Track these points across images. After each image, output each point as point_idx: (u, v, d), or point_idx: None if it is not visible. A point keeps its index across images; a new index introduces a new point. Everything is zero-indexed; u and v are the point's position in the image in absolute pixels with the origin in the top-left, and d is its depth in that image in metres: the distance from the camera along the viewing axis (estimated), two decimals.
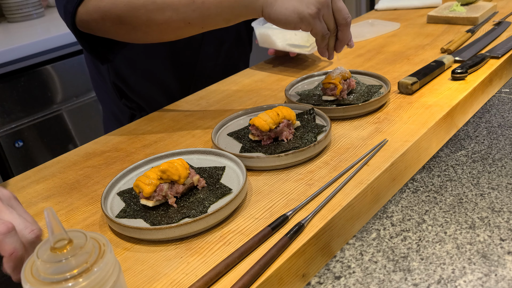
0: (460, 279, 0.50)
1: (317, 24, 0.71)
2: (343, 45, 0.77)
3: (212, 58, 1.10)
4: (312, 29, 0.71)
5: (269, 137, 0.70)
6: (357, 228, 0.60)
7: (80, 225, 0.60)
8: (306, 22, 0.70)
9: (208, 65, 1.10)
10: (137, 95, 1.08)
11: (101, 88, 1.15)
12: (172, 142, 0.79)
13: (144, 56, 1.04)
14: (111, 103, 1.13)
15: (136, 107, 1.09)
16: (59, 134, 1.89)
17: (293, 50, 1.01)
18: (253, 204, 0.59)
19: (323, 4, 0.69)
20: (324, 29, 0.72)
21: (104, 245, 0.38)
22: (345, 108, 0.78)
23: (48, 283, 0.35)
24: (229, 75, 1.09)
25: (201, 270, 0.49)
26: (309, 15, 0.69)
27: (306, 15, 0.69)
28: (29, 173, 0.74)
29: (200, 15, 0.73)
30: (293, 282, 0.51)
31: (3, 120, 1.71)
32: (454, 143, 0.77)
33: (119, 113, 1.12)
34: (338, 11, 0.72)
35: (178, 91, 1.09)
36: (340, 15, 0.72)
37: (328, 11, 0.71)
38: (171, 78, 1.07)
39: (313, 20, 0.69)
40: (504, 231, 0.57)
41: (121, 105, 1.10)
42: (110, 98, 1.12)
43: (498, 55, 0.97)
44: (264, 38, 1.05)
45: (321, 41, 0.74)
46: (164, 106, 0.94)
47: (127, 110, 1.10)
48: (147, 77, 1.07)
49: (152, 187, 0.57)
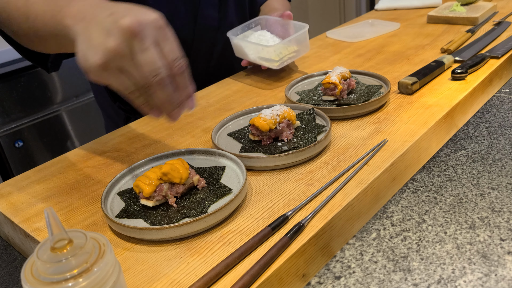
0: (460, 279, 0.50)
1: (110, 78, 0.53)
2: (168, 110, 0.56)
3: (203, 60, 1.09)
4: (107, 84, 0.54)
5: (269, 137, 0.70)
6: (357, 228, 0.60)
7: (80, 225, 0.60)
8: (93, 73, 0.52)
9: (200, 67, 1.09)
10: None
11: (97, 90, 1.15)
12: (172, 142, 0.79)
13: None
14: (107, 105, 1.13)
15: (130, 109, 1.09)
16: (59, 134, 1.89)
17: (262, 64, 0.99)
18: (253, 204, 0.59)
19: (113, 54, 0.50)
20: (124, 84, 0.53)
21: (104, 245, 0.38)
22: (345, 108, 0.78)
23: (48, 283, 0.35)
24: (223, 77, 1.07)
25: (201, 270, 0.49)
26: (95, 65, 0.51)
27: (92, 65, 0.51)
28: (29, 173, 0.74)
29: (35, 34, 0.65)
30: (293, 282, 0.51)
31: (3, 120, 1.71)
32: (454, 143, 0.77)
33: (115, 115, 1.12)
34: (142, 65, 0.52)
35: None
36: (145, 71, 0.52)
37: (126, 63, 0.52)
38: None
39: (101, 72, 0.52)
40: (504, 231, 0.57)
41: (116, 108, 1.10)
42: (106, 101, 1.12)
43: (498, 55, 0.97)
44: (238, 49, 1.03)
45: (130, 99, 0.55)
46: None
47: (122, 112, 1.10)
48: None
49: (152, 187, 0.57)
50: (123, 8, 0.53)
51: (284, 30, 1.03)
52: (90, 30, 0.53)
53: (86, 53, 0.52)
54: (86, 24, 0.54)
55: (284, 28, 1.03)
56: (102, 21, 0.52)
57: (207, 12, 1.03)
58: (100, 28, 0.52)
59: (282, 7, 1.15)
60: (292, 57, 0.99)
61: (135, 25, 0.50)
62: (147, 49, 0.51)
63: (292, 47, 1.00)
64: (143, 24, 0.51)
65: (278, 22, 1.04)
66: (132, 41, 0.51)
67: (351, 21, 1.43)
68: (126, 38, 0.51)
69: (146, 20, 0.52)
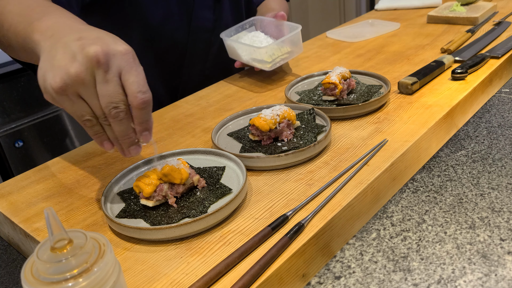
0: (460, 279, 0.50)
1: (65, 103, 0.51)
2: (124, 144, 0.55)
3: (199, 62, 1.08)
4: (62, 107, 0.52)
5: (269, 137, 0.70)
6: (357, 228, 0.60)
7: (80, 225, 0.60)
8: (48, 95, 0.51)
9: (196, 69, 1.08)
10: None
11: None
12: (172, 142, 0.79)
13: None
14: None
15: None
16: (59, 134, 1.89)
17: (255, 65, 0.99)
18: (253, 204, 0.59)
19: (73, 80, 0.49)
20: (79, 112, 0.52)
21: (104, 245, 0.38)
22: (345, 108, 0.78)
23: (48, 283, 0.35)
24: (219, 78, 1.07)
25: (201, 270, 0.49)
26: (51, 87, 0.50)
27: (48, 87, 0.50)
28: (29, 173, 0.74)
29: (8, 43, 0.65)
30: (293, 282, 0.51)
31: (3, 120, 1.71)
32: (454, 143, 0.77)
33: None
34: (101, 96, 0.51)
35: (166, 97, 1.07)
36: (103, 102, 0.51)
37: (86, 91, 0.50)
38: (158, 83, 1.06)
39: (56, 96, 0.50)
40: (504, 231, 0.57)
41: None
42: None
43: (498, 55, 0.97)
44: (231, 50, 1.03)
45: (84, 127, 0.54)
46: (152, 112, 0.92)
47: None
48: None
49: (152, 187, 0.57)
50: (94, 34, 0.52)
51: (278, 31, 1.02)
52: (56, 50, 0.51)
53: (45, 73, 0.51)
54: (53, 42, 0.53)
55: (278, 29, 1.02)
56: (69, 44, 0.51)
57: (201, 14, 1.03)
58: (66, 51, 0.50)
59: (279, 7, 1.15)
60: (285, 58, 0.99)
61: (101, 55, 0.49)
62: (109, 81, 0.50)
63: (285, 48, 0.99)
64: (110, 54, 0.50)
65: (272, 23, 1.03)
66: (95, 70, 0.50)
67: (351, 21, 1.43)
68: (89, 66, 0.49)
69: (113, 51, 0.50)
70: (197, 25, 1.03)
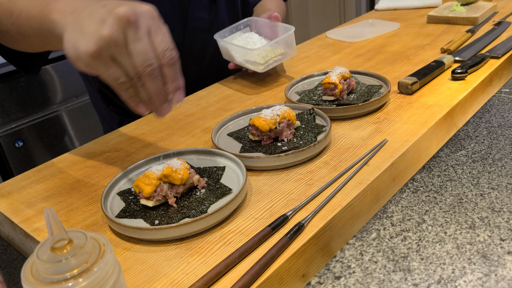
0: (460, 279, 0.50)
1: (101, 68, 0.52)
2: (157, 103, 0.56)
3: (195, 63, 1.08)
4: (97, 73, 0.53)
5: (269, 137, 0.70)
6: (357, 228, 0.60)
7: (80, 225, 0.60)
8: (83, 62, 0.52)
9: (192, 70, 1.08)
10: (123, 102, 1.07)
11: (91, 94, 1.14)
12: (172, 142, 0.79)
13: None
14: (102, 109, 1.12)
15: (123, 112, 1.08)
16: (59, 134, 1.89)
17: (248, 67, 0.98)
18: (253, 204, 0.59)
19: (107, 42, 0.50)
20: (114, 75, 0.53)
21: (104, 245, 0.38)
22: (345, 108, 0.78)
23: (48, 283, 0.35)
24: (216, 79, 1.06)
25: (201, 270, 0.49)
26: (86, 53, 0.50)
27: (82, 53, 0.51)
28: (29, 173, 0.74)
29: (17, 30, 0.64)
30: (293, 282, 0.52)
31: (3, 120, 1.71)
32: (454, 143, 0.77)
33: (109, 118, 1.12)
34: (135, 54, 0.52)
35: None
36: (138, 60, 0.52)
37: (119, 52, 0.51)
38: None
39: (92, 61, 0.51)
40: (504, 231, 0.57)
41: (110, 111, 1.09)
42: (100, 104, 1.11)
43: (498, 55, 0.97)
44: (224, 51, 1.02)
45: (118, 91, 0.54)
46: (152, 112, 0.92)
47: (116, 115, 1.09)
48: None
49: (152, 187, 0.57)
50: (116, 1, 0.53)
51: (272, 32, 1.02)
52: (82, 20, 0.52)
53: (77, 42, 0.51)
54: (76, 16, 0.54)
55: (272, 30, 1.02)
56: (95, 11, 0.52)
57: (197, 14, 1.02)
58: (93, 18, 0.51)
59: (276, 8, 1.14)
60: (278, 60, 0.98)
61: (131, 14, 0.50)
62: (141, 39, 0.51)
63: (278, 50, 0.98)
64: (138, 13, 0.51)
65: (267, 24, 1.02)
66: (127, 29, 0.51)
67: (351, 21, 1.43)
68: (121, 26, 0.50)
69: (140, 11, 0.52)
70: (192, 26, 1.03)
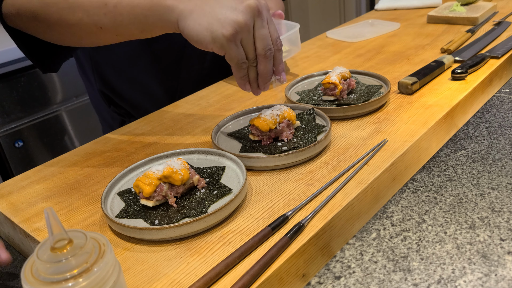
0: (460, 279, 0.50)
1: (232, 49, 0.61)
2: (266, 81, 0.66)
3: (197, 62, 1.08)
4: (226, 54, 0.61)
5: (269, 137, 0.70)
6: (357, 228, 0.60)
7: (80, 225, 0.60)
8: (218, 43, 0.60)
9: (194, 69, 1.08)
10: (125, 102, 1.07)
11: (92, 94, 1.15)
12: (172, 142, 0.79)
13: (128, 63, 1.02)
14: (102, 109, 1.12)
15: (125, 113, 1.08)
16: (59, 134, 1.89)
17: None
18: (253, 204, 0.59)
19: (241, 27, 0.60)
20: (240, 56, 0.62)
21: (104, 245, 0.38)
22: (345, 108, 0.78)
23: (48, 283, 0.35)
24: (218, 78, 1.06)
25: (201, 270, 0.49)
26: (223, 36, 0.59)
27: (219, 36, 0.59)
28: (29, 173, 0.74)
29: (111, 20, 0.67)
30: (293, 282, 0.51)
31: (3, 120, 1.71)
32: (454, 143, 0.77)
33: (110, 119, 1.12)
34: (259, 39, 0.62)
35: (164, 97, 1.07)
36: (261, 44, 0.62)
37: (248, 36, 0.61)
38: (156, 84, 1.05)
39: (227, 42, 0.60)
40: (504, 231, 0.57)
41: (110, 112, 1.09)
42: (101, 105, 1.11)
43: (498, 55, 0.97)
44: None
45: (237, 70, 0.64)
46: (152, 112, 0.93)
47: (117, 116, 1.09)
48: (132, 84, 1.05)
49: (152, 187, 0.57)
50: None
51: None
52: (211, 7, 0.61)
53: (211, 26, 0.60)
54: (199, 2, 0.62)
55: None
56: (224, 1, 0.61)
57: None
58: (224, 6, 0.60)
59: (275, 6, 1.14)
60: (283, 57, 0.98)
61: (259, 6, 0.61)
62: (264, 27, 0.62)
63: (283, 47, 0.99)
64: (261, 5, 0.62)
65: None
66: (256, 18, 0.61)
67: (351, 21, 1.43)
68: (252, 15, 0.61)
69: (262, 2, 0.62)
70: None
